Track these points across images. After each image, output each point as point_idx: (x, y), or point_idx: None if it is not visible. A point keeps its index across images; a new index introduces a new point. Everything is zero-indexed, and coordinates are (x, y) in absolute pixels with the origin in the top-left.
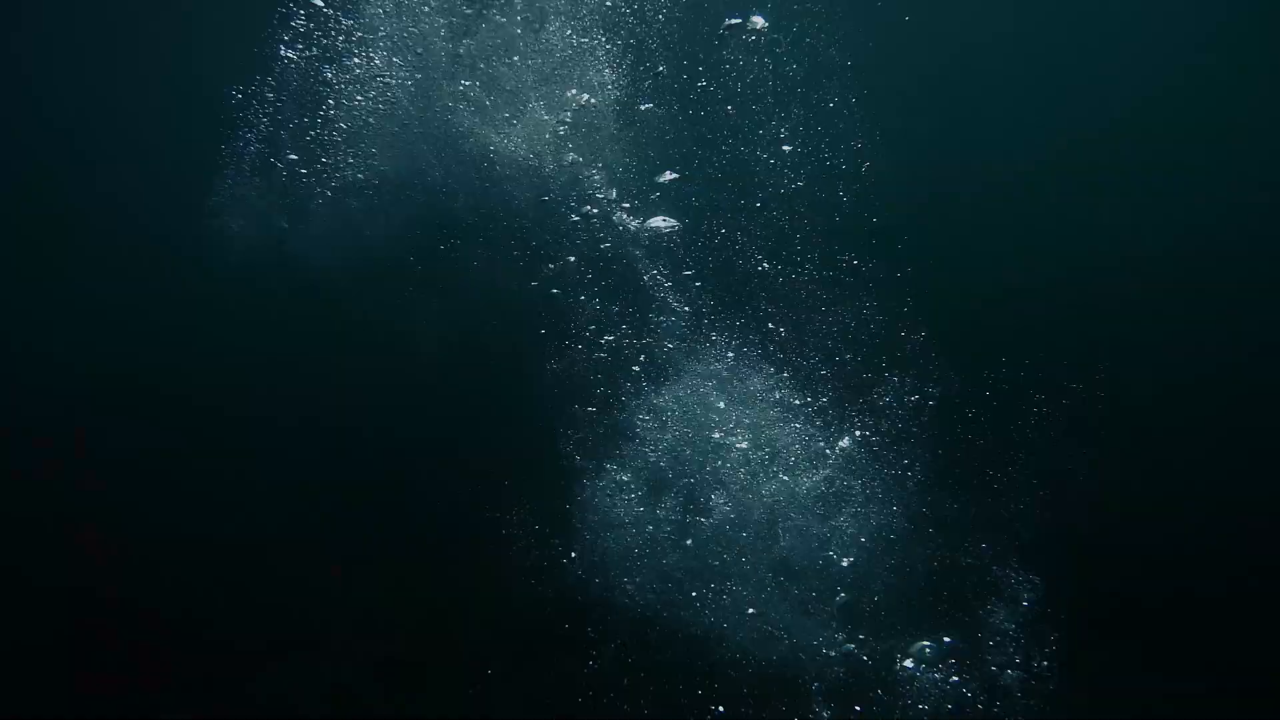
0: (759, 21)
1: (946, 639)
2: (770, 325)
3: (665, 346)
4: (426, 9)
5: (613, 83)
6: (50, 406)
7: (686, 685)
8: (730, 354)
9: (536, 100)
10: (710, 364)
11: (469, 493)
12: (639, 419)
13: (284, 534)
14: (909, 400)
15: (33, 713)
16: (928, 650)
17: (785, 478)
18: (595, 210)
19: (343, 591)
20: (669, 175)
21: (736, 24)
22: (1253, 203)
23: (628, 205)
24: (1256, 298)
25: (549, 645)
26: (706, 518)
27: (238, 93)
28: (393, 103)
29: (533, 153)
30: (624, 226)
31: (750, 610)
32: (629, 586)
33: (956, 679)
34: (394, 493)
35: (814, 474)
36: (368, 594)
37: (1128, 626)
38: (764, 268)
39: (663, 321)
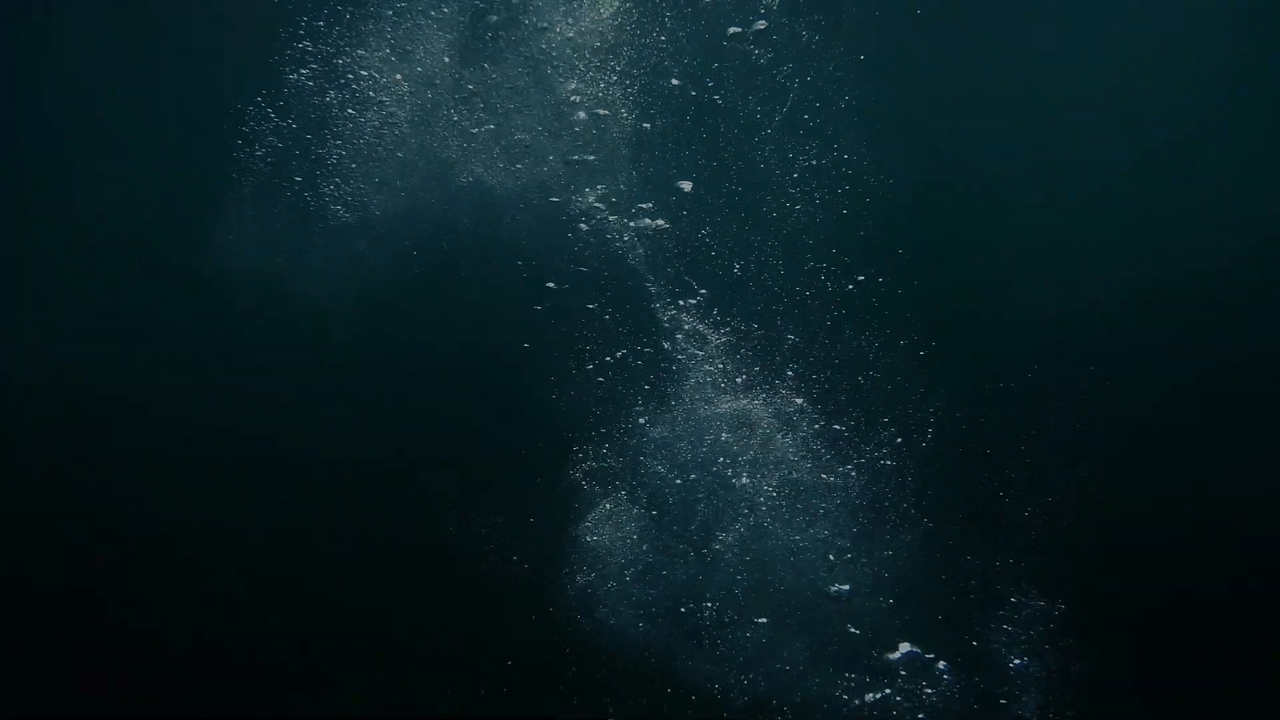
0: (764, 25)
1: (943, 662)
2: (779, 343)
3: (673, 366)
4: (432, 30)
5: (622, 96)
6: (56, 421)
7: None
8: (740, 375)
9: (544, 117)
10: (719, 383)
11: (471, 511)
12: (647, 441)
13: (282, 549)
14: (915, 414)
15: (33, 713)
16: (931, 666)
17: (790, 498)
18: (602, 226)
19: (340, 606)
20: (684, 185)
21: (738, 32)
22: (1254, 215)
23: (637, 220)
24: (1258, 301)
25: (549, 674)
26: (709, 543)
27: (240, 113)
28: (395, 124)
29: (539, 171)
30: (633, 242)
31: (751, 633)
32: (628, 615)
33: (961, 693)
34: (395, 513)
35: (819, 494)
36: (366, 599)
37: (1127, 627)
38: (775, 284)
39: (670, 340)
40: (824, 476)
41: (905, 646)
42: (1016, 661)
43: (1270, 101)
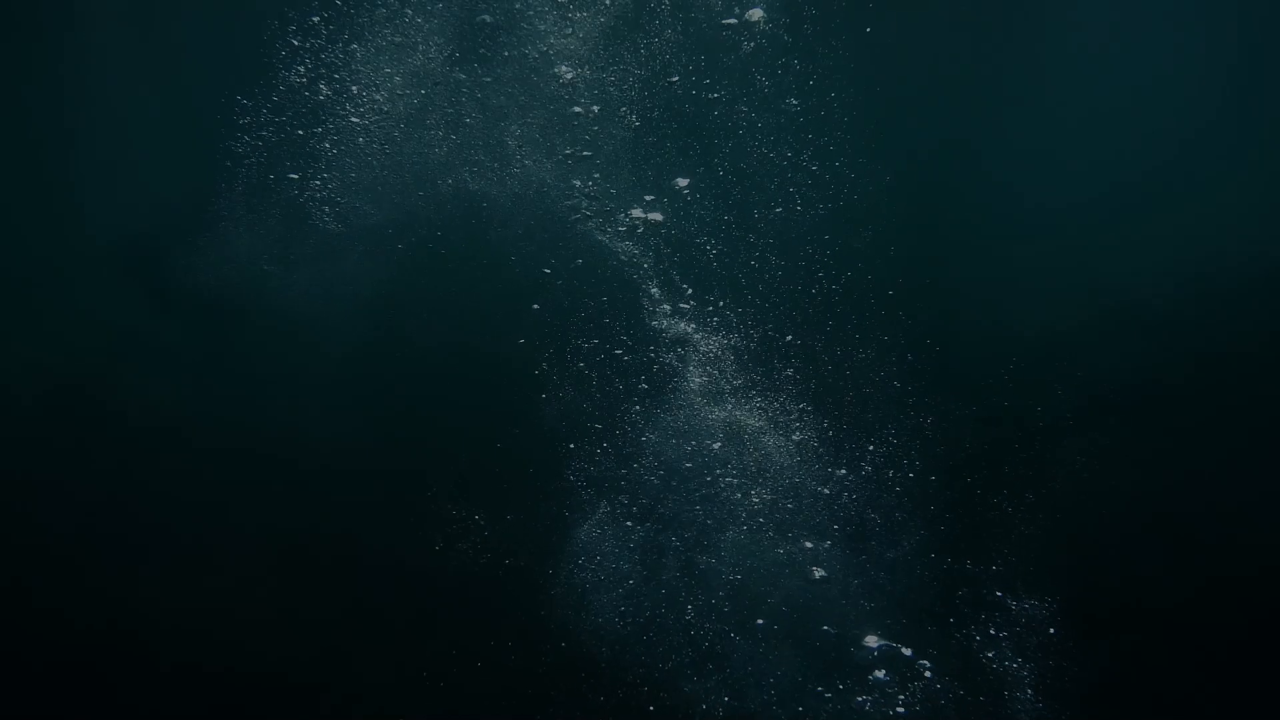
0: (759, 14)
1: (930, 663)
2: (773, 341)
3: (669, 364)
4: (427, 27)
5: (617, 93)
6: (51, 426)
7: None
8: (735, 375)
9: (538, 113)
10: (714, 382)
11: (465, 512)
12: (642, 443)
13: (274, 552)
14: (905, 416)
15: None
16: (920, 668)
17: (782, 501)
18: (598, 222)
19: (331, 607)
20: (680, 181)
21: (733, 23)
22: (1243, 228)
23: (632, 216)
24: (1250, 307)
25: (540, 675)
26: (701, 547)
27: (236, 107)
28: (391, 122)
29: (534, 166)
30: (628, 238)
31: (741, 636)
32: (620, 617)
33: (953, 694)
34: (387, 515)
35: (810, 498)
36: (358, 600)
37: (1118, 628)
38: (769, 281)
39: (666, 338)
40: (814, 479)
41: (896, 649)
42: (1006, 663)
43: (1265, 118)
